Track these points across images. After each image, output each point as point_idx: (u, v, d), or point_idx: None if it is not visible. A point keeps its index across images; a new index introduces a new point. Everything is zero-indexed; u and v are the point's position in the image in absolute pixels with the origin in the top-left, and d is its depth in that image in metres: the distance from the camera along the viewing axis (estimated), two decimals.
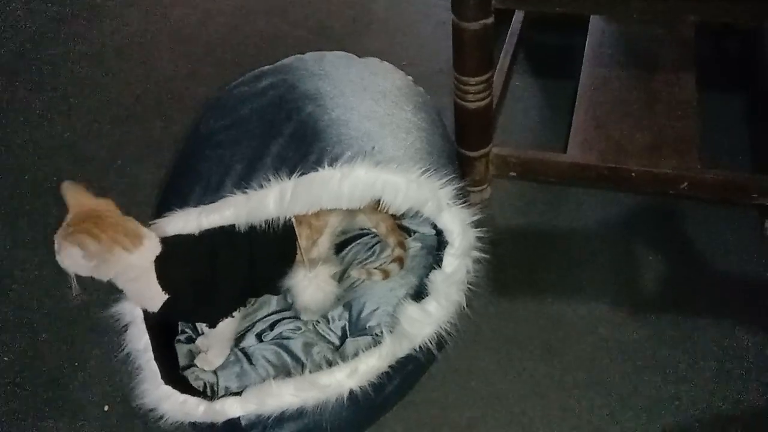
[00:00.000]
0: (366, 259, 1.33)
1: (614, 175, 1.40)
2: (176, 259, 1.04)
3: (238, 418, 1.04)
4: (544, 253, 1.41)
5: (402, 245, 1.27)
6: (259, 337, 1.26)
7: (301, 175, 1.02)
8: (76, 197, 1.00)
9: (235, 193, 1.05)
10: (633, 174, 1.39)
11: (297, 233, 1.10)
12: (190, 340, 1.24)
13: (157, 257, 1.02)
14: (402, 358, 1.06)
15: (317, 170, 1.03)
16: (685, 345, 1.24)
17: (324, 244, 1.16)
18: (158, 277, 1.02)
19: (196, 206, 1.07)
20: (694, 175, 1.37)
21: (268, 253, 1.10)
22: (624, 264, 1.37)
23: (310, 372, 1.05)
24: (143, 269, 1.02)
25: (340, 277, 1.27)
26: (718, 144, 1.52)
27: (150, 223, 1.08)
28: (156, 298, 1.04)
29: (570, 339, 1.27)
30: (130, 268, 1.01)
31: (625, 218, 1.45)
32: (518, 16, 1.74)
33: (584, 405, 1.18)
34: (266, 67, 1.25)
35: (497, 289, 1.34)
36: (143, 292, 1.05)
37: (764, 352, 1.22)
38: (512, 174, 1.46)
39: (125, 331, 1.12)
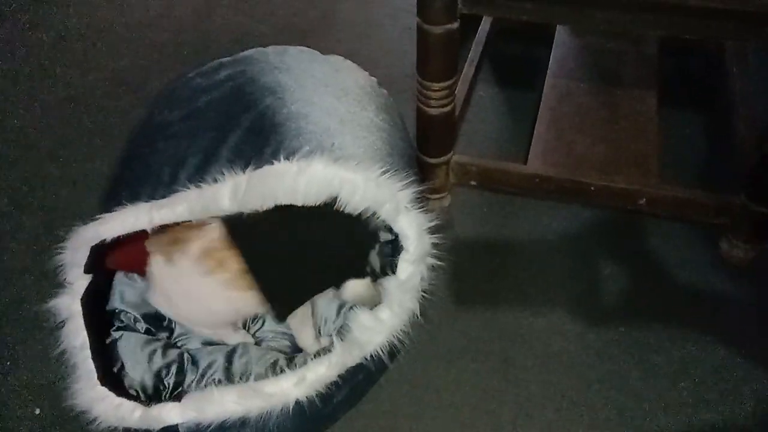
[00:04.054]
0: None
1: (574, 188, 1.40)
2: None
3: (176, 425, 0.99)
4: (502, 263, 1.39)
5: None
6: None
7: (256, 168, 0.98)
8: None
9: (188, 188, 1.00)
10: (592, 188, 1.39)
11: None
12: (149, 332, 1.19)
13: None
14: (352, 367, 1.02)
15: (273, 164, 0.98)
16: (638, 359, 1.23)
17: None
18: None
19: (147, 201, 1.02)
20: (652, 191, 1.37)
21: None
22: (580, 277, 1.36)
23: (255, 379, 1.01)
24: None
25: None
26: (677, 162, 1.53)
27: (97, 217, 1.03)
28: None
29: (525, 351, 1.25)
30: None
31: (583, 231, 1.45)
32: (484, 26, 1.73)
33: (536, 420, 1.16)
34: (225, 58, 1.20)
35: (452, 298, 1.32)
36: None
37: (717, 368, 1.22)
38: (472, 183, 1.45)
39: (61, 327, 1.07)
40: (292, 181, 0.97)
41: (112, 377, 1.09)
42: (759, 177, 1.27)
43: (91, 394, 1.02)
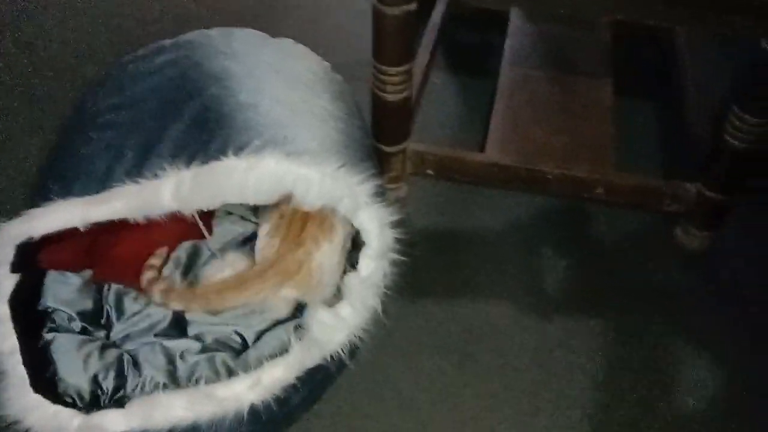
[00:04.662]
0: None
1: (531, 177, 1.38)
2: None
3: None
4: (459, 254, 1.36)
5: None
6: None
7: (202, 164, 0.91)
8: None
9: (125, 183, 0.93)
10: (549, 177, 1.37)
11: None
12: (85, 331, 1.11)
13: None
14: (311, 368, 0.97)
15: (220, 159, 0.92)
16: (598, 350, 1.22)
17: None
18: None
19: (81, 196, 0.94)
20: (609, 179, 1.36)
21: None
22: (538, 267, 1.35)
23: (206, 383, 0.95)
24: None
25: None
26: (633, 149, 1.53)
27: (23, 213, 0.95)
28: None
29: (485, 345, 1.22)
30: None
31: (540, 220, 1.43)
32: (439, 9, 1.69)
33: (496, 414, 1.13)
34: (166, 41, 1.13)
35: (410, 292, 1.28)
36: None
37: (677, 358, 1.22)
38: (429, 172, 1.41)
39: None
40: (241, 179, 0.91)
41: (46, 383, 1.01)
42: (713, 165, 1.28)
43: (24, 402, 0.94)
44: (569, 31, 1.69)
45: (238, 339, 1.14)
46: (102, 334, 1.14)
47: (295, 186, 0.93)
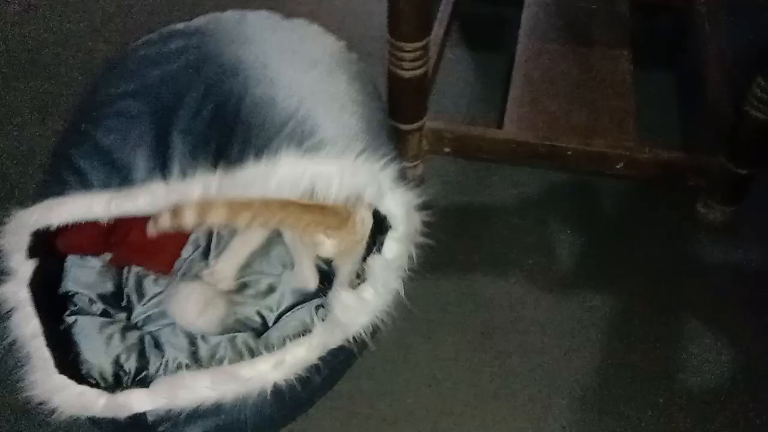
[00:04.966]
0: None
1: (550, 152, 1.36)
2: None
3: (144, 413, 0.92)
4: (477, 232, 1.35)
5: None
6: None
7: (225, 166, 0.92)
8: None
9: (148, 178, 0.93)
10: (569, 152, 1.35)
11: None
12: (106, 314, 1.11)
13: None
14: (333, 349, 0.97)
15: (242, 162, 0.92)
16: (618, 327, 1.21)
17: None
18: None
19: (100, 187, 0.94)
20: (630, 154, 1.34)
21: None
22: (558, 244, 1.33)
23: (229, 363, 0.95)
24: None
25: None
26: (652, 123, 1.50)
27: (39, 201, 0.95)
28: None
29: (504, 322, 1.22)
30: None
31: (559, 196, 1.42)
32: None
33: (518, 393, 1.13)
34: (178, 24, 1.11)
35: (429, 271, 1.26)
36: None
37: (698, 334, 1.21)
38: (446, 150, 1.39)
39: (9, 317, 0.98)
40: (262, 183, 0.92)
41: (70, 365, 1.01)
42: (737, 137, 1.26)
43: (50, 383, 0.94)
44: (586, 3, 1.66)
45: (259, 320, 1.14)
46: (123, 316, 1.15)
47: (316, 183, 0.93)
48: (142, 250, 1.17)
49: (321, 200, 0.95)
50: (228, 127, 0.96)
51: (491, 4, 1.78)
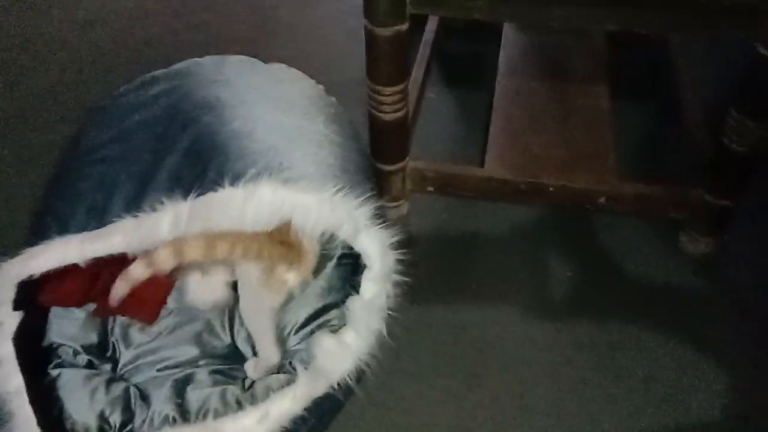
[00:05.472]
0: None
1: (532, 189, 1.37)
2: None
3: None
4: (464, 271, 1.35)
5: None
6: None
7: (198, 195, 0.90)
8: None
9: (123, 217, 0.92)
10: (551, 189, 1.36)
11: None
12: (91, 365, 1.10)
13: None
14: (319, 397, 0.95)
15: (216, 190, 0.91)
16: (608, 364, 1.20)
17: None
18: None
19: (78, 231, 0.93)
20: (610, 189, 1.35)
21: None
22: (544, 280, 1.33)
23: (214, 417, 0.94)
24: None
25: None
26: (632, 156, 1.52)
27: (22, 251, 0.94)
28: None
29: (494, 363, 1.21)
30: None
31: (543, 232, 1.42)
32: (431, 25, 1.68)
33: None
34: (158, 71, 1.12)
35: (416, 311, 1.26)
36: None
37: (684, 367, 1.20)
38: (429, 189, 1.40)
39: None
40: (239, 208, 0.90)
41: (53, 422, 1.00)
42: (715, 168, 1.27)
43: None
44: (563, 40, 1.69)
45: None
46: (108, 367, 1.13)
47: (294, 214, 0.92)
48: (125, 301, 1.15)
49: (295, 233, 0.94)
50: (204, 158, 0.95)
51: (469, 42, 1.81)
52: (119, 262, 0.96)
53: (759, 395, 1.17)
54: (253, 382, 1.09)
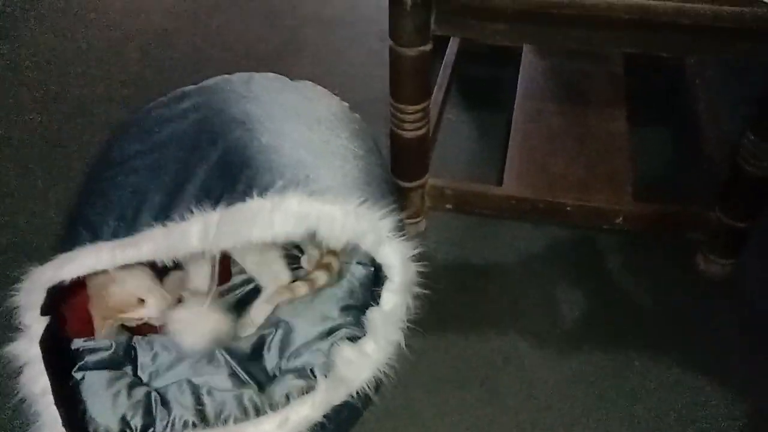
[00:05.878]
0: None
1: (550, 208, 1.39)
2: None
3: None
4: (481, 287, 1.37)
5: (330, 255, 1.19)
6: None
7: (227, 205, 0.94)
8: None
9: (153, 226, 0.95)
10: (568, 208, 1.38)
11: None
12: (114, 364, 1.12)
13: None
14: (338, 405, 0.97)
15: (245, 201, 0.94)
16: (624, 384, 1.21)
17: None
18: None
19: (109, 239, 0.96)
20: (628, 209, 1.37)
21: None
22: (560, 298, 1.34)
23: (234, 422, 0.95)
24: None
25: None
26: (650, 178, 1.53)
27: (53, 257, 0.97)
28: None
29: (510, 378, 1.22)
30: None
31: (560, 251, 1.43)
32: (452, 48, 1.72)
33: None
34: (188, 87, 1.16)
35: (433, 326, 1.28)
36: None
37: (701, 390, 1.20)
38: (448, 206, 1.42)
39: (19, 374, 0.99)
40: (266, 219, 0.93)
41: (77, 423, 1.02)
42: (731, 191, 1.28)
43: None
44: (581, 64, 1.72)
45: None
46: (129, 369, 1.15)
47: (319, 224, 0.95)
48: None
49: (322, 242, 0.97)
50: (233, 171, 0.98)
51: (489, 67, 1.84)
52: None
53: None
54: (268, 383, 1.12)
